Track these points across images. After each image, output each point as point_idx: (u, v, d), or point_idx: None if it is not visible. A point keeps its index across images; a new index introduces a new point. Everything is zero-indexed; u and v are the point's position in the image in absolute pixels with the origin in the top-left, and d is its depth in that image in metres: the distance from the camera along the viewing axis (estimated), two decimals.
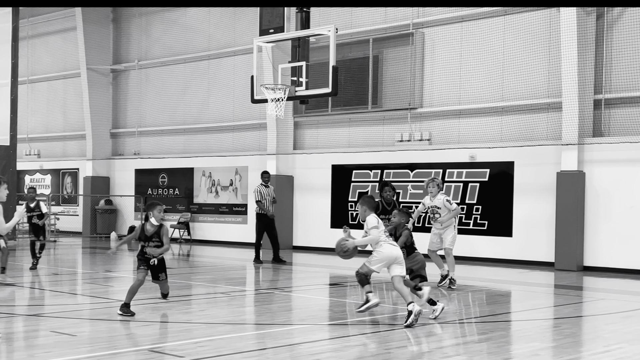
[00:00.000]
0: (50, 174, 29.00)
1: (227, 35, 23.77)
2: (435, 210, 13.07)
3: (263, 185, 17.69)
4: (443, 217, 12.97)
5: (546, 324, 9.98)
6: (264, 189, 17.63)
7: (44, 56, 29.19)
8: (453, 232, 13.09)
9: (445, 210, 12.99)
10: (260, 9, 15.19)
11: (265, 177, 17.84)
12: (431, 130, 19.45)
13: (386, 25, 19.99)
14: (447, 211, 12.99)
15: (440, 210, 13.02)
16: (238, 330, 8.95)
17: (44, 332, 8.50)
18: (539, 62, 17.57)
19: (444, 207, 12.97)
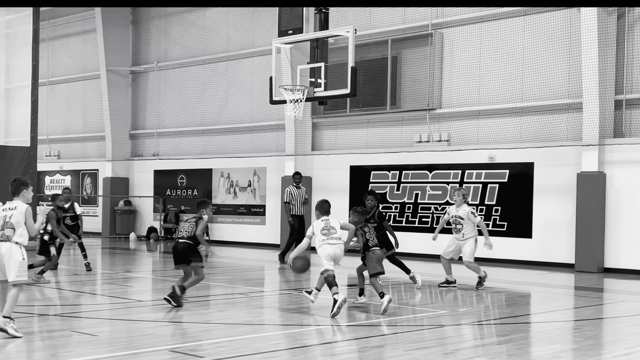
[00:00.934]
0: (70, 174, 29.19)
1: (245, 36, 23.82)
2: (458, 220, 12.84)
3: (294, 187, 17.64)
4: (465, 230, 12.77)
5: (567, 325, 9.91)
6: (294, 190, 17.58)
7: (64, 58, 29.38)
8: (473, 245, 12.84)
9: (469, 222, 12.76)
10: (279, 10, 15.19)
11: (297, 178, 17.75)
12: (450, 131, 19.38)
13: (405, 26, 19.94)
14: (470, 224, 12.76)
15: (463, 222, 12.78)
16: (257, 331, 8.96)
17: (65, 331, 8.55)
18: (559, 62, 17.45)
19: (467, 219, 12.76)
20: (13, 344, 7.78)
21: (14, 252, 8.12)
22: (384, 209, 20.22)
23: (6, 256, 8.09)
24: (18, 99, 23.70)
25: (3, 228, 8.18)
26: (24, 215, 8.22)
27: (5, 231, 8.15)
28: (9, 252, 8.11)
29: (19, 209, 8.26)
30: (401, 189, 19.94)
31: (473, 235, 12.84)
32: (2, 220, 8.23)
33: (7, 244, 8.12)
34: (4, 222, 8.21)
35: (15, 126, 23.42)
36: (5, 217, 8.24)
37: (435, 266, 17.37)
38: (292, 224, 17.45)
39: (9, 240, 8.13)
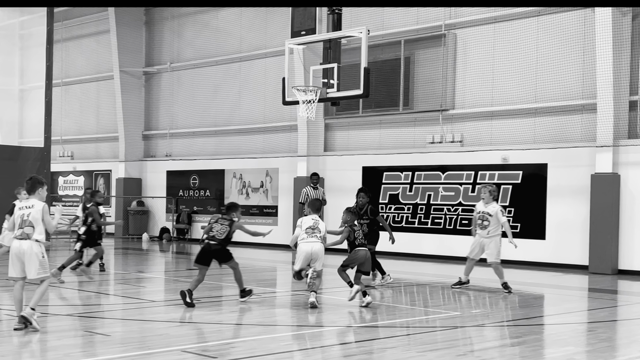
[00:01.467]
0: (83, 175, 29.30)
1: (258, 37, 23.83)
2: (486, 217, 12.63)
3: (311, 188, 17.58)
4: (491, 227, 12.58)
5: (581, 327, 9.86)
6: (311, 191, 17.52)
7: (78, 59, 29.51)
8: (498, 245, 12.64)
9: (496, 220, 12.57)
10: (292, 11, 15.19)
11: (314, 179, 17.66)
12: (463, 132, 19.31)
13: (418, 27, 19.89)
14: (496, 222, 12.57)
15: (491, 219, 12.59)
16: (269, 331, 8.95)
17: (79, 331, 8.57)
18: (573, 63, 17.36)
19: (495, 217, 12.57)
20: (27, 344, 7.81)
21: (35, 250, 8.26)
22: (397, 210, 20.19)
23: (27, 254, 8.24)
24: (32, 99, 23.83)
25: (22, 226, 8.30)
26: (42, 213, 8.32)
27: (25, 229, 8.27)
28: (30, 250, 8.25)
29: (36, 207, 8.35)
30: (414, 190, 19.89)
31: (498, 234, 12.65)
32: (19, 219, 8.34)
33: (27, 242, 8.26)
34: (22, 221, 8.33)
35: (29, 127, 23.56)
36: (22, 216, 8.34)
37: (449, 267, 17.33)
38: None
39: (29, 238, 8.27)
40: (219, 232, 10.78)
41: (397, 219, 20.15)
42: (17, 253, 8.30)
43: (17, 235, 8.35)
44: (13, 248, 8.39)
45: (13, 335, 8.12)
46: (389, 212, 20.32)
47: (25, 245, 8.26)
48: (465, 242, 18.70)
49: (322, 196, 17.49)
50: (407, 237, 19.91)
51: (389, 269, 17.21)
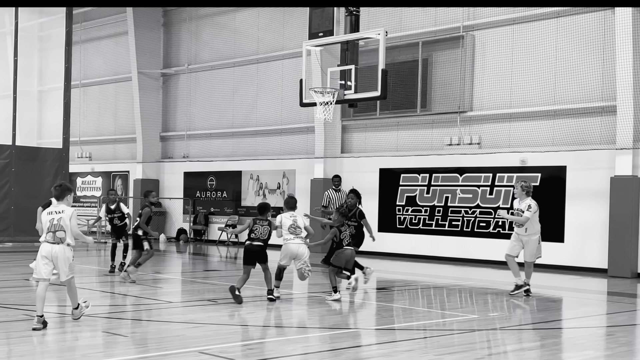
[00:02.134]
0: (101, 176, 29.45)
1: (276, 39, 23.86)
2: (520, 213, 12.37)
3: (333, 190, 17.48)
4: (527, 225, 12.30)
5: (600, 331, 9.77)
6: (333, 193, 17.42)
7: (96, 60, 29.67)
8: (536, 245, 12.36)
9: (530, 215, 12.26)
10: (310, 12, 15.18)
11: (336, 181, 17.52)
12: (481, 134, 19.22)
13: (436, 28, 19.82)
14: (533, 219, 12.29)
15: (523, 214, 12.31)
16: (286, 333, 8.94)
17: (96, 332, 8.60)
18: (593, 64, 17.23)
19: (527, 212, 12.26)
20: (45, 344, 7.84)
21: (67, 254, 8.66)
22: (414, 212, 20.13)
23: (60, 258, 8.59)
24: (51, 101, 24.01)
25: (54, 231, 8.59)
26: (70, 218, 8.64)
27: (57, 234, 8.58)
28: (62, 253, 8.61)
29: (66, 212, 8.68)
30: (431, 192, 19.82)
31: (536, 233, 12.35)
32: (49, 223, 8.62)
33: (60, 246, 8.60)
34: (52, 225, 8.61)
35: (48, 128, 23.74)
36: (52, 220, 8.63)
37: (466, 270, 17.26)
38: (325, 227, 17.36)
39: (62, 243, 8.61)
40: (262, 233, 11.26)
41: (414, 221, 20.09)
42: (48, 256, 8.59)
43: (48, 239, 8.61)
44: (44, 251, 8.62)
45: (32, 335, 8.16)
46: (405, 214, 20.27)
47: (57, 249, 8.58)
48: (483, 244, 18.72)
49: (345, 198, 17.32)
50: (425, 239, 19.86)
51: (407, 271, 17.18)
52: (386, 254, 20.46)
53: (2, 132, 21.89)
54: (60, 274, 8.68)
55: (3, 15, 23.10)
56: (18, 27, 21.86)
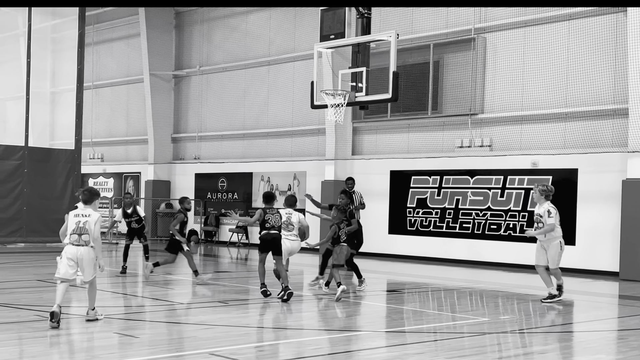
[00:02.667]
0: (113, 177, 29.56)
1: (287, 41, 23.90)
2: (538, 219, 12.06)
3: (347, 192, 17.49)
4: (541, 231, 11.99)
5: (611, 335, 9.74)
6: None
7: (109, 62, 29.80)
8: (558, 250, 12.05)
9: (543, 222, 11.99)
10: (322, 14, 15.20)
11: (349, 183, 17.55)
12: (492, 136, 19.19)
13: (447, 31, 19.81)
14: None
15: (543, 220, 11.99)
16: (296, 335, 8.96)
17: (107, 333, 8.64)
18: (605, 67, 17.18)
19: (545, 217, 11.97)
20: (57, 345, 7.89)
21: (91, 255, 8.97)
22: (425, 214, 20.12)
23: (85, 259, 8.92)
24: (63, 102, 24.11)
25: (80, 233, 8.94)
26: (94, 223, 8.99)
27: (82, 237, 8.93)
28: (87, 255, 8.94)
29: (92, 216, 9.01)
30: (442, 194, 19.80)
31: (557, 237, 12.03)
32: (75, 225, 8.97)
33: (85, 248, 8.93)
34: (78, 227, 8.96)
35: (60, 129, 23.84)
36: (78, 223, 8.98)
37: (477, 272, 17.23)
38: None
39: (87, 245, 8.94)
40: (276, 221, 11.64)
41: (424, 224, 20.08)
42: (74, 258, 8.92)
43: (73, 241, 8.94)
44: (69, 253, 8.92)
45: (45, 336, 8.21)
46: (416, 217, 20.26)
47: (83, 251, 8.91)
48: (494, 247, 18.69)
49: (359, 200, 17.33)
50: (435, 241, 19.84)
51: (417, 273, 17.17)
52: (397, 256, 20.46)
53: (15, 133, 22.00)
54: (85, 275, 9.00)
55: (16, 17, 23.22)
56: (31, 29, 21.97)
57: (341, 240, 12.21)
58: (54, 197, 22.11)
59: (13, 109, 23.41)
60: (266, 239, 11.60)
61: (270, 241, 11.59)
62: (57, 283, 8.97)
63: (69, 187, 22.46)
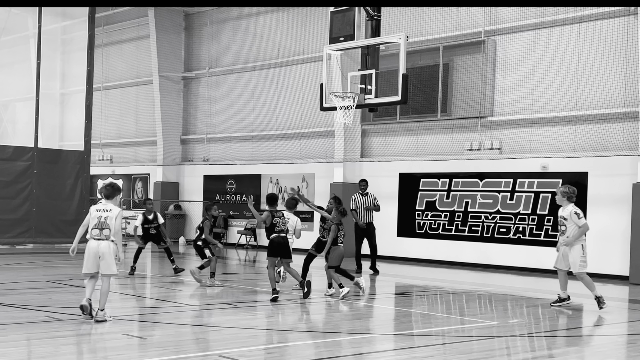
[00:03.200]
0: (122, 178, 29.61)
1: (296, 43, 23.90)
2: (562, 221, 11.64)
3: (359, 194, 17.52)
4: (569, 232, 11.54)
5: (621, 339, 9.68)
6: (359, 197, 17.47)
7: (118, 63, 29.87)
8: (581, 253, 11.58)
9: (573, 224, 11.51)
10: (331, 16, 15.18)
11: (362, 185, 17.56)
12: (502, 139, 19.14)
13: (457, 33, 19.77)
14: (574, 226, 11.50)
15: (567, 223, 11.56)
16: (305, 337, 8.94)
17: (115, 334, 8.64)
18: (615, 70, 17.10)
19: (571, 221, 11.50)
20: (65, 347, 7.89)
21: (112, 249, 9.20)
22: (434, 217, 20.08)
23: (106, 253, 9.16)
24: (73, 103, 24.19)
25: (101, 228, 9.20)
26: (116, 218, 9.25)
27: (103, 231, 9.19)
28: (108, 249, 9.18)
29: (113, 211, 9.28)
30: (451, 197, 19.75)
31: (580, 242, 11.60)
32: (96, 220, 9.23)
33: (106, 242, 9.18)
34: (100, 222, 9.22)
35: (70, 130, 23.92)
36: (100, 218, 9.24)
37: (486, 276, 17.17)
38: (362, 225, 17.45)
39: (107, 239, 9.18)
40: (284, 225, 11.89)
41: (433, 226, 20.03)
42: (95, 252, 9.17)
43: (94, 236, 9.20)
44: (91, 247, 9.21)
45: (54, 337, 8.22)
46: (425, 219, 20.21)
47: (104, 245, 9.16)
48: (503, 250, 18.63)
49: (372, 202, 17.33)
50: (444, 244, 19.79)
51: (426, 276, 17.13)
52: (405, 259, 20.42)
53: (24, 135, 22.09)
54: (106, 267, 9.18)
55: (26, 19, 23.31)
56: (41, 30, 22.05)
57: (338, 242, 12.44)
58: (63, 198, 22.18)
59: (23, 110, 23.49)
60: (276, 242, 11.79)
61: (281, 244, 11.79)
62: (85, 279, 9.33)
63: (78, 188, 22.53)
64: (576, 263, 11.63)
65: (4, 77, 22.92)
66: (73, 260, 16.59)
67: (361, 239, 17.51)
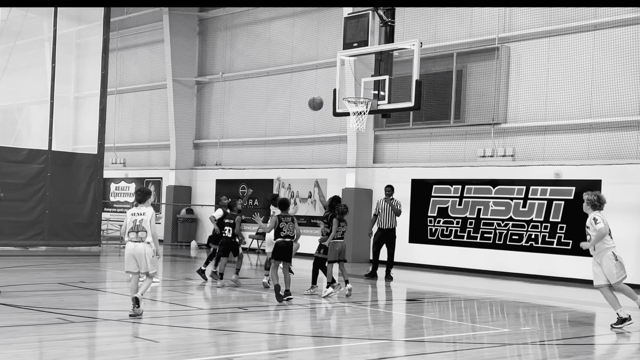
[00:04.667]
0: (135, 182, 29.71)
1: (310, 48, 23.94)
2: (587, 231, 10.96)
3: (383, 199, 17.50)
4: (593, 240, 10.81)
5: (634, 348, 9.62)
6: (382, 203, 17.46)
7: (132, 68, 30.00)
8: (613, 262, 10.79)
9: (594, 231, 10.84)
10: (345, 22, 15.22)
11: (388, 190, 17.53)
12: (515, 146, 19.08)
13: (471, 40, 19.74)
14: (595, 233, 10.83)
15: (590, 231, 10.88)
16: (316, 342, 8.92)
17: (126, 337, 8.66)
18: (630, 78, 17.02)
19: (592, 228, 10.84)
20: (76, 349, 7.92)
21: (147, 250, 9.84)
22: (446, 223, 20.04)
23: (143, 254, 9.81)
24: (87, 107, 24.31)
25: (137, 231, 9.81)
26: (151, 220, 9.84)
27: (139, 234, 9.80)
28: (144, 250, 9.82)
29: (147, 214, 9.88)
30: (463, 204, 19.70)
31: (607, 248, 10.83)
32: (132, 224, 9.85)
33: (142, 244, 9.82)
34: (135, 225, 9.82)
35: (84, 134, 24.04)
36: (135, 221, 9.85)
37: (498, 283, 17.10)
38: (370, 234, 17.49)
39: (143, 241, 9.81)
40: (290, 230, 12.14)
41: (445, 233, 19.98)
42: (133, 253, 9.86)
43: (131, 238, 9.84)
44: (129, 249, 9.87)
45: (65, 339, 8.25)
46: (437, 226, 20.16)
47: (140, 247, 9.82)
48: (516, 257, 18.55)
49: (395, 206, 17.24)
50: (456, 251, 19.74)
51: (437, 282, 17.08)
52: (417, 265, 20.37)
53: (38, 137, 22.21)
54: (147, 267, 9.83)
55: (42, 23, 23.47)
56: (56, 34, 22.19)
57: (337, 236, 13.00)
58: (76, 201, 22.28)
59: (37, 113, 23.63)
60: (281, 247, 12.12)
61: (285, 249, 12.12)
62: (129, 279, 10.05)
63: (91, 192, 22.63)
64: (612, 274, 10.79)
65: (19, 80, 23.06)
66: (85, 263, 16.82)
67: (380, 244, 17.42)
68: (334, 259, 13.04)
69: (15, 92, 22.92)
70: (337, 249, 13.07)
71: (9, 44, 21.91)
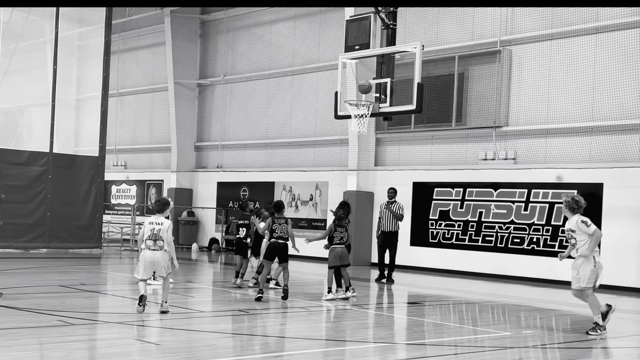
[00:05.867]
0: (136, 184, 29.71)
1: (311, 51, 23.94)
2: (570, 234, 10.58)
3: (386, 202, 17.49)
4: (579, 245, 10.45)
5: (635, 352, 9.61)
6: (383, 206, 17.45)
7: (134, 70, 30.01)
8: (590, 266, 10.36)
9: (583, 235, 10.44)
10: (347, 25, 15.21)
11: (390, 192, 17.55)
12: (517, 149, 19.06)
13: (473, 43, 19.74)
14: (585, 236, 10.43)
15: (576, 235, 10.50)
16: (317, 346, 8.90)
17: (128, 339, 8.64)
18: (632, 81, 17.00)
19: (579, 231, 10.46)
20: (77, 351, 7.90)
21: (165, 258, 10.33)
22: (447, 226, 20.03)
23: (160, 262, 10.31)
24: (88, 109, 24.32)
25: (155, 239, 10.28)
26: (167, 230, 10.29)
27: (157, 242, 10.27)
28: (161, 258, 10.30)
29: (165, 224, 10.34)
30: (465, 207, 19.68)
31: (591, 254, 10.44)
32: (150, 232, 10.30)
33: (160, 252, 10.29)
34: (153, 234, 10.27)
35: (85, 136, 24.04)
36: (153, 230, 10.30)
37: (499, 286, 17.08)
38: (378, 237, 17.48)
39: (161, 249, 10.28)
40: (283, 231, 12.43)
41: (447, 236, 19.96)
42: (151, 261, 10.31)
43: (149, 246, 10.29)
44: (147, 257, 10.26)
45: (66, 341, 8.23)
46: (439, 229, 20.15)
47: (158, 255, 10.29)
48: (517, 260, 18.53)
49: (397, 211, 17.19)
50: (457, 254, 19.72)
51: (439, 286, 17.06)
52: (418, 268, 20.34)
53: (40, 140, 22.21)
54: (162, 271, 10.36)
55: (43, 25, 23.48)
56: (58, 36, 22.19)
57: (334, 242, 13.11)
58: (77, 204, 22.27)
59: (38, 116, 23.64)
60: (273, 247, 12.50)
61: (277, 249, 12.48)
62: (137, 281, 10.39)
63: (92, 194, 22.62)
64: (583, 278, 10.41)
65: (21, 83, 23.07)
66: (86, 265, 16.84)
67: (384, 247, 17.41)
68: (334, 264, 13.04)
69: (16, 94, 22.93)
70: (337, 254, 13.06)
71: (11, 46, 21.92)
